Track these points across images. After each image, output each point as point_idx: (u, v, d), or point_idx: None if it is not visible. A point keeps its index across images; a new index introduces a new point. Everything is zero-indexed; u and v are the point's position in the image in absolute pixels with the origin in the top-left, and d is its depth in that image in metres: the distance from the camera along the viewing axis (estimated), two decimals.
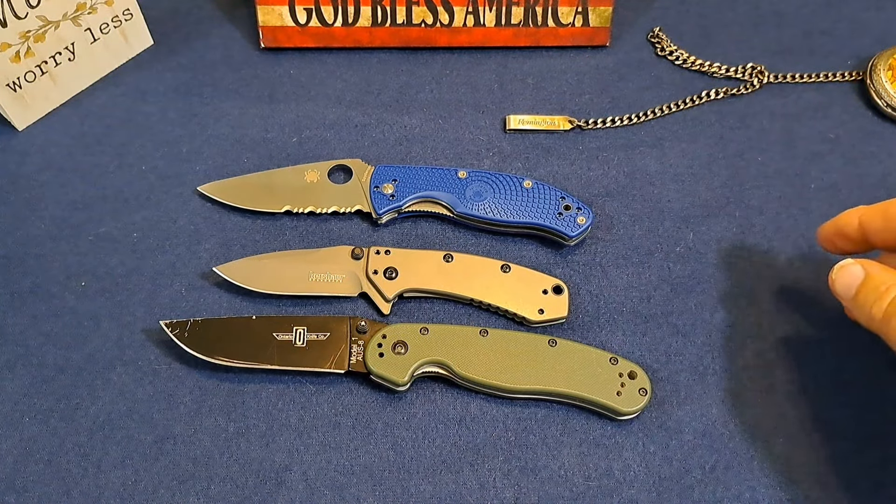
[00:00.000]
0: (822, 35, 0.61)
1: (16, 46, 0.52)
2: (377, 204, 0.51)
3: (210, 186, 0.52)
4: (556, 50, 0.60)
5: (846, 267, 0.40)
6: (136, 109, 0.57)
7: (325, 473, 0.43)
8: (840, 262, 0.41)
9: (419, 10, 0.58)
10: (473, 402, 0.45)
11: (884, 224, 0.41)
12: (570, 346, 0.45)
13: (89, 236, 0.51)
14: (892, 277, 0.39)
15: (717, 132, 0.56)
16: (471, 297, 0.47)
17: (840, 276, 0.40)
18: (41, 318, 0.48)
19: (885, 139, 0.56)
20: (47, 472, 0.43)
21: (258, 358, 0.45)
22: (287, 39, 0.59)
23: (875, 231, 0.41)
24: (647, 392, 0.44)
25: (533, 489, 0.43)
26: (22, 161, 0.55)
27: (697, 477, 0.43)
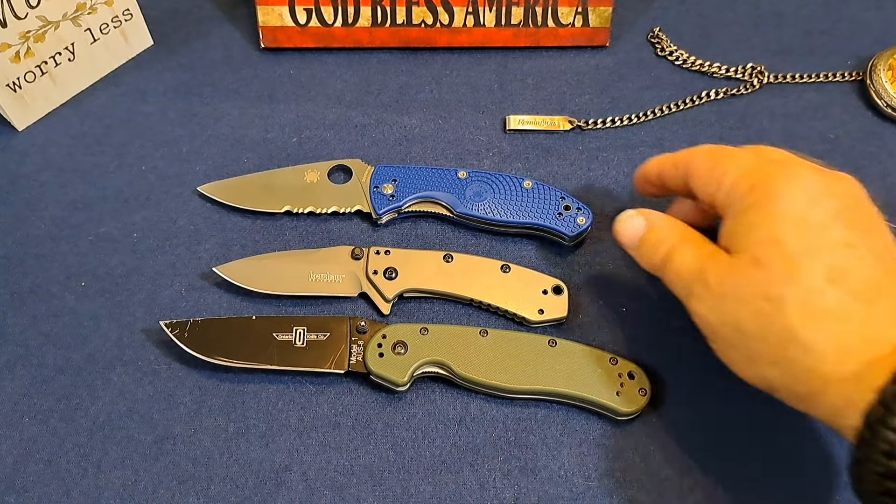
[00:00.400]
0: (822, 35, 0.61)
1: (16, 46, 0.52)
2: (377, 204, 0.51)
3: (210, 186, 0.52)
4: (556, 50, 0.60)
5: (629, 219, 0.44)
6: (136, 109, 0.57)
7: (325, 473, 0.43)
8: (622, 213, 0.44)
9: (419, 11, 0.58)
10: (473, 402, 0.45)
11: (674, 171, 0.43)
12: (570, 346, 0.45)
13: (89, 236, 0.51)
14: (670, 227, 0.42)
15: (717, 132, 0.56)
16: (470, 298, 0.47)
17: (623, 227, 0.44)
18: (41, 318, 0.48)
19: (885, 139, 0.56)
20: (47, 472, 0.43)
21: (258, 358, 0.45)
22: (287, 39, 0.59)
23: (669, 177, 0.44)
24: (647, 392, 0.44)
25: (533, 489, 0.43)
26: (22, 161, 0.55)
27: (697, 477, 0.43)
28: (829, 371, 0.34)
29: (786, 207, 0.37)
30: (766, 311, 0.36)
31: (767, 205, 0.37)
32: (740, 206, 0.39)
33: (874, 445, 0.32)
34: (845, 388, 0.34)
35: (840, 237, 0.36)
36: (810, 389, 0.35)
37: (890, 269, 0.36)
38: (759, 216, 0.37)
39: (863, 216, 0.38)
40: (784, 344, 0.35)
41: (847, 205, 0.38)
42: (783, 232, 0.36)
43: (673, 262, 0.41)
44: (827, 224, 0.36)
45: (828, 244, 0.36)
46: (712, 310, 0.38)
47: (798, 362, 0.35)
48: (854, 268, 0.35)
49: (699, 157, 0.42)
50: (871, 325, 0.34)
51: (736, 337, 0.37)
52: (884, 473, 0.32)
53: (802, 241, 0.36)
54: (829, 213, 0.37)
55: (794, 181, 0.38)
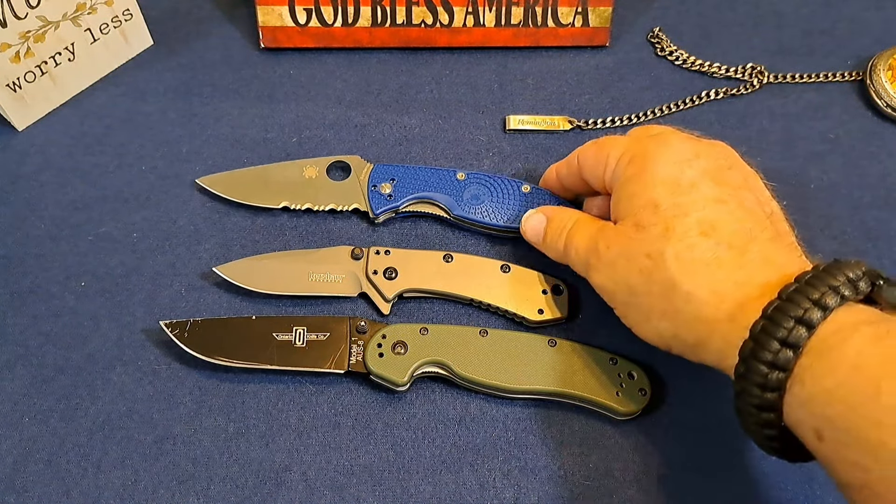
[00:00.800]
0: (822, 35, 0.61)
1: (16, 46, 0.52)
2: (374, 203, 0.51)
3: (208, 179, 0.52)
4: (556, 50, 0.61)
5: (531, 217, 0.47)
6: (136, 109, 0.57)
7: (325, 473, 0.43)
8: (526, 213, 0.48)
9: (419, 11, 0.58)
10: (473, 402, 0.45)
11: (568, 170, 0.48)
12: (569, 346, 0.45)
13: (89, 236, 0.51)
14: (568, 216, 0.45)
15: (717, 132, 0.56)
16: (470, 298, 0.47)
17: (529, 226, 0.47)
18: (41, 318, 0.48)
19: (885, 139, 0.56)
20: (47, 472, 0.43)
21: (258, 358, 0.45)
22: (287, 39, 0.59)
23: (566, 177, 0.48)
24: (647, 392, 0.44)
25: (533, 489, 0.43)
26: (22, 161, 0.55)
27: (697, 477, 0.43)
28: (710, 315, 0.37)
29: (660, 172, 0.40)
30: (649, 267, 0.39)
31: (644, 173, 0.41)
32: (622, 178, 0.42)
33: (749, 379, 0.34)
34: (724, 329, 0.36)
35: (711, 194, 0.39)
36: (698, 336, 0.38)
37: (759, 219, 0.39)
38: (637, 184, 0.41)
39: (734, 175, 0.41)
40: (668, 295, 0.38)
41: (717, 165, 0.41)
42: (658, 194, 0.40)
43: (571, 244, 0.44)
44: (697, 183, 0.39)
45: (699, 201, 0.39)
46: (606, 275, 0.42)
47: (683, 311, 0.38)
48: (724, 220, 0.38)
49: (586, 150, 0.46)
50: (742, 270, 0.37)
51: (628, 296, 0.40)
52: (759, 405, 0.34)
53: (675, 199, 0.39)
54: (699, 173, 0.40)
55: (666, 148, 0.41)
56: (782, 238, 0.39)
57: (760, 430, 0.35)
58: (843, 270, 0.34)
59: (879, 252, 0.51)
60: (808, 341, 0.33)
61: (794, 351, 0.33)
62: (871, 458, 0.30)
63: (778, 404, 0.34)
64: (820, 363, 0.32)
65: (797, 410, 0.33)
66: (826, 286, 0.33)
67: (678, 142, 0.41)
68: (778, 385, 0.33)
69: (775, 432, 0.35)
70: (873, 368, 0.30)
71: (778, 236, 0.39)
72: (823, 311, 0.33)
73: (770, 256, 0.37)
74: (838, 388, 0.31)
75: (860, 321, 0.32)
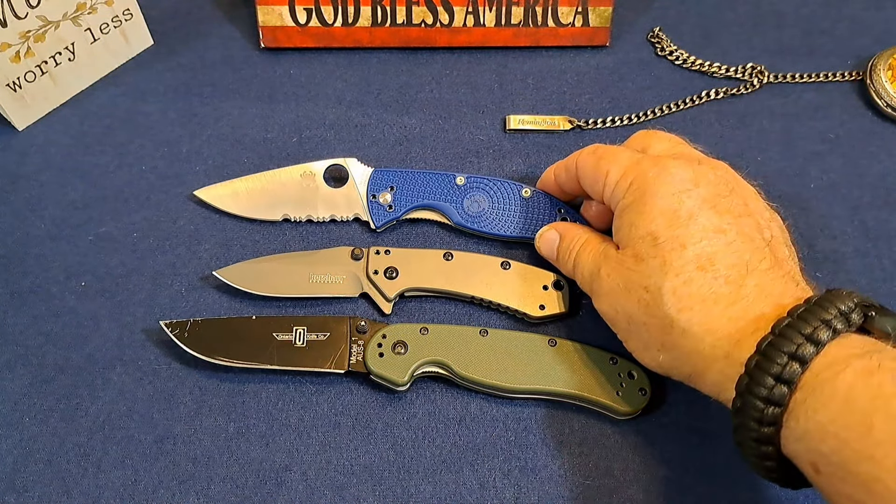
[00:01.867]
0: (822, 35, 0.61)
1: (16, 46, 0.52)
2: (375, 216, 0.50)
3: (205, 191, 0.52)
4: (556, 50, 0.60)
5: (545, 234, 0.48)
6: (136, 109, 0.57)
7: (325, 473, 0.43)
8: (540, 230, 0.48)
9: (419, 10, 0.58)
10: (473, 402, 0.45)
11: (566, 175, 0.47)
12: (569, 346, 0.45)
13: (89, 236, 0.51)
14: (578, 235, 0.46)
15: (717, 132, 0.56)
16: (471, 295, 0.47)
17: (542, 242, 0.48)
18: (41, 318, 0.48)
19: (885, 139, 0.56)
20: (47, 472, 0.43)
21: (258, 358, 0.45)
22: (287, 39, 0.59)
23: (564, 182, 0.48)
24: (647, 392, 0.44)
25: (533, 489, 0.43)
26: (22, 161, 0.55)
27: (697, 477, 0.43)
28: (706, 351, 0.37)
29: (658, 203, 0.40)
30: (647, 300, 0.39)
31: (642, 203, 0.40)
32: (622, 204, 0.42)
33: (746, 413, 0.34)
34: (720, 364, 0.36)
35: (709, 224, 0.39)
36: (695, 369, 0.38)
37: (758, 247, 0.39)
38: (636, 213, 0.41)
39: (733, 202, 0.40)
40: (666, 329, 0.38)
41: (717, 192, 0.40)
42: (657, 227, 0.39)
43: (578, 265, 0.44)
44: (695, 214, 0.39)
45: (698, 233, 0.39)
46: (607, 303, 0.42)
47: (680, 345, 0.38)
48: (722, 253, 0.38)
49: (585, 160, 0.45)
50: (738, 305, 0.37)
51: (628, 324, 0.41)
52: (757, 439, 0.34)
53: (674, 231, 0.39)
54: (699, 202, 0.40)
55: (664, 177, 0.40)
56: (780, 266, 0.39)
57: (760, 461, 0.35)
58: (835, 303, 0.34)
59: (879, 252, 0.51)
60: (801, 376, 0.33)
61: (788, 386, 0.33)
62: (865, 493, 0.30)
63: (775, 438, 0.34)
64: (814, 398, 0.32)
65: (793, 444, 0.33)
66: (818, 320, 0.34)
67: (677, 169, 0.41)
68: (774, 420, 0.33)
69: (774, 463, 0.35)
70: (865, 403, 0.31)
71: (776, 264, 0.39)
72: (816, 345, 0.33)
73: (766, 288, 0.37)
74: (831, 424, 0.31)
75: (852, 354, 0.33)
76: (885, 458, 0.29)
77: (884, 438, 0.30)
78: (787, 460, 0.34)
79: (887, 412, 0.30)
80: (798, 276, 0.39)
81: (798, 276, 0.39)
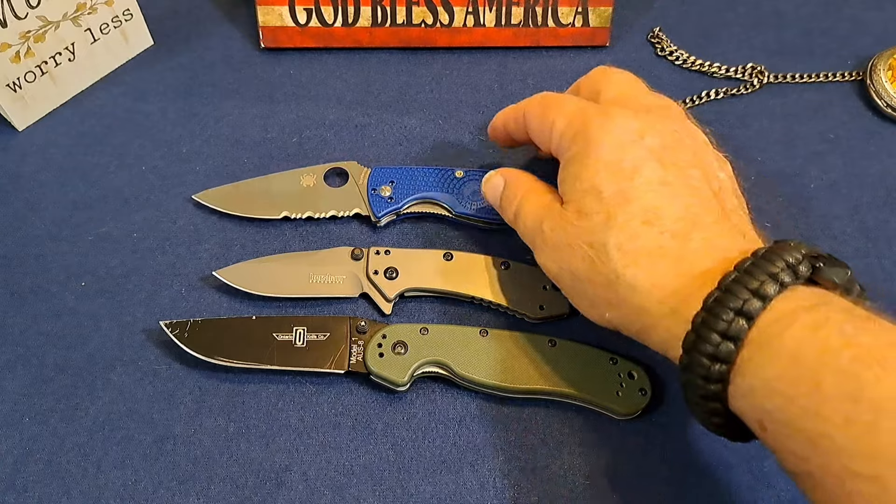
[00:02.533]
0: (822, 35, 0.61)
1: (16, 46, 0.52)
2: (375, 207, 0.51)
3: (205, 195, 0.52)
4: (556, 50, 0.61)
5: (491, 179, 0.46)
6: (136, 109, 0.57)
7: (325, 473, 0.43)
8: (487, 174, 0.47)
9: (419, 11, 0.58)
10: (473, 402, 0.45)
11: (515, 124, 0.46)
12: (570, 346, 0.45)
13: (89, 236, 0.51)
14: (523, 184, 0.44)
15: (717, 132, 0.56)
16: (471, 295, 0.47)
17: (488, 188, 0.47)
18: (41, 318, 0.48)
19: (885, 139, 0.56)
20: (47, 472, 0.43)
21: (258, 358, 0.45)
22: (287, 39, 0.59)
23: (513, 130, 0.47)
24: (647, 392, 0.44)
25: (533, 489, 0.43)
26: (22, 161, 0.55)
27: (697, 477, 0.43)
28: (653, 308, 0.36)
29: (602, 155, 0.39)
30: (591, 257, 0.38)
31: (586, 155, 0.39)
32: (567, 155, 0.41)
33: (693, 370, 0.34)
34: (668, 321, 0.36)
35: (655, 177, 0.38)
36: (643, 325, 0.37)
37: (705, 199, 0.38)
38: (580, 166, 0.39)
39: (681, 151, 0.39)
40: (612, 286, 0.37)
41: (664, 143, 0.39)
42: (601, 181, 0.38)
43: (520, 215, 0.43)
44: (640, 166, 0.38)
45: (642, 186, 0.38)
46: (551, 259, 0.41)
47: (627, 302, 0.37)
48: (668, 206, 0.37)
49: (532, 108, 0.44)
50: (684, 260, 0.36)
51: (574, 283, 0.40)
52: (704, 395, 0.34)
53: (618, 185, 0.38)
54: (644, 154, 0.38)
55: (608, 127, 0.39)
56: (728, 218, 0.38)
57: (708, 417, 0.35)
58: (782, 256, 0.33)
59: (879, 252, 0.51)
60: (748, 332, 0.32)
61: (734, 343, 0.32)
62: (812, 449, 0.30)
63: (722, 394, 0.33)
64: (760, 354, 0.32)
65: (740, 401, 0.33)
66: (765, 274, 0.33)
67: (623, 119, 0.40)
68: (721, 377, 0.33)
69: (723, 420, 0.35)
70: (811, 359, 0.30)
71: (723, 217, 0.38)
72: (763, 300, 0.32)
73: (713, 242, 0.36)
74: (777, 380, 0.31)
75: (799, 308, 0.32)
76: (834, 415, 0.29)
77: (831, 394, 0.29)
78: (735, 416, 0.34)
79: (835, 367, 0.29)
80: (746, 227, 0.39)
81: (746, 227, 0.39)
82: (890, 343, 0.30)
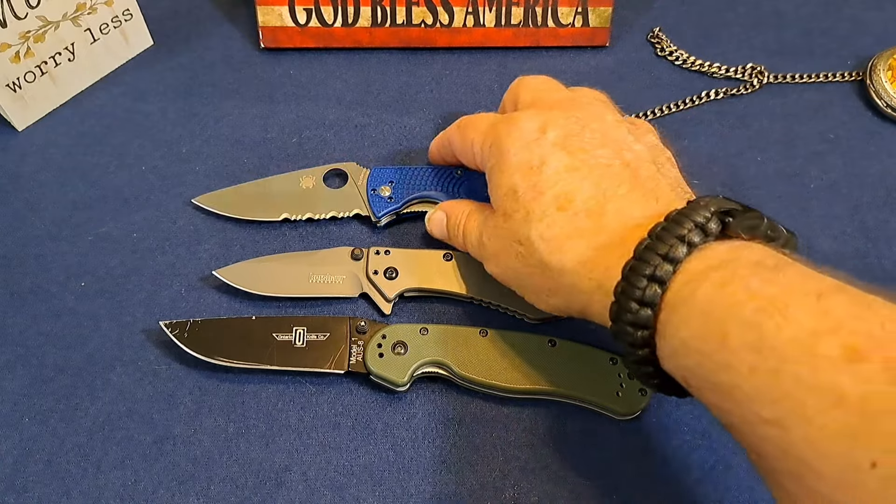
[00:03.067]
0: (822, 35, 0.61)
1: (16, 47, 0.52)
2: (375, 207, 0.51)
3: (205, 198, 0.52)
4: (556, 50, 0.61)
5: (433, 217, 0.49)
6: (136, 109, 0.57)
7: (325, 473, 0.43)
8: (428, 213, 0.50)
9: (419, 11, 0.58)
10: (473, 402, 0.45)
11: (446, 151, 0.50)
12: (570, 346, 0.45)
13: (89, 236, 0.51)
14: (461, 210, 0.47)
15: (717, 132, 0.56)
16: (471, 295, 0.47)
17: (433, 225, 0.49)
18: (41, 318, 0.48)
19: (885, 139, 0.56)
20: (47, 472, 0.43)
21: (258, 358, 0.45)
22: (287, 39, 0.59)
23: (446, 156, 0.50)
24: (647, 392, 0.44)
25: (533, 489, 0.43)
26: (22, 161, 0.55)
27: (697, 477, 0.43)
28: (584, 285, 0.38)
29: (512, 159, 0.41)
30: (522, 252, 0.40)
31: (502, 162, 0.42)
32: (487, 167, 0.44)
33: (621, 338, 0.35)
34: (599, 296, 0.37)
35: (561, 165, 0.40)
36: (581, 304, 0.39)
37: (615, 174, 0.39)
38: (498, 174, 0.42)
39: (587, 136, 0.41)
40: (546, 274, 0.39)
41: (567, 133, 0.41)
42: (515, 181, 0.41)
43: (465, 238, 0.46)
44: (547, 159, 0.40)
45: (552, 176, 0.40)
46: (495, 265, 0.43)
47: (562, 286, 0.39)
48: (577, 188, 0.39)
49: (453, 133, 0.48)
50: (601, 234, 0.38)
51: (518, 281, 0.42)
52: (636, 361, 0.35)
53: (530, 181, 0.40)
54: (549, 147, 0.40)
55: (513, 132, 0.42)
56: (642, 185, 0.39)
57: (647, 380, 0.36)
58: (690, 216, 0.34)
59: (879, 252, 0.51)
60: (663, 297, 0.33)
61: (651, 308, 0.33)
62: (728, 401, 0.31)
63: (651, 357, 0.35)
64: (676, 316, 0.33)
65: (666, 362, 0.34)
66: (674, 237, 0.33)
67: (525, 122, 0.42)
68: (645, 342, 0.34)
69: (660, 380, 0.36)
70: (719, 314, 0.31)
71: (636, 186, 0.39)
72: (672, 263, 0.33)
73: (625, 211, 0.38)
74: (692, 339, 0.32)
75: (710, 267, 0.33)
76: (741, 365, 0.30)
77: (737, 345, 0.30)
78: None
79: (740, 319, 0.30)
80: (661, 191, 0.39)
81: (661, 191, 0.39)
82: (792, 292, 0.31)
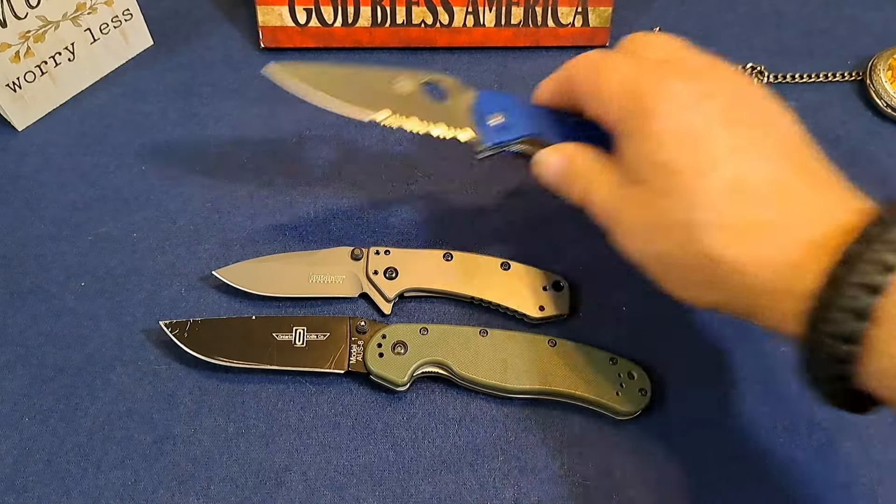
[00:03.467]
0: (822, 35, 0.61)
1: (16, 46, 0.52)
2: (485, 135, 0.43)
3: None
4: (556, 50, 0.60)
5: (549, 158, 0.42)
6: (136, 109, 0.57)
7: (325, 473, 0.43)
8: (539, 153, 0.42)
9: (419, 11, 0.58)
10: (473, 402, 0.45)
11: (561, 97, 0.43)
12: (570, 346, 0.45)
13: (89, 236, 0.51)
14: (583, 159, 0.40)
15: None
16: (471, 296, 0.47)
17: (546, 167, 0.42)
18: (41, 318, 0.48)
19: (885, 139, 0.56)
20: (47, 472, 0.43)
21: (258, 358, 0.45)
22: (287, 39, 0.59)
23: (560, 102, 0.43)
24: (647, 392, 0.44)
25: (533, 489, 0.43)
26: (22, 161, 0.55)
27: (697, 477, 0.43)
28: (762, 286, 0.33)
29: (663, 126, 0.35)
30: (683, 239, 0.34)
31: (646, 128, 0.36)
32: (625, 129, 0.37)
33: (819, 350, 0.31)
34: (780, 298, 0.33)
35: (726, 144, 0.34)
36: (749, 304, 0.34)
37: (792, 161, 0.35)
38: (642, 141, 0.36)
39: (747, 111, 0.36)
40: (711, 267, 0.34)
41: (727, 104, 0.36)
42: (669, 156, 0.35)
43: (591, 199, 0.39)
44: (707, 134, 0.35)
45: (716, 155, 0.34)
46: (632, 246, 0.37)
47: (730, 283, 0.34)
48: (748, 174, 0.34)
49: (580, 74, 0.40)
50: (788, 231, 0.33)
51: (666, 268, 0.37)
52: (829, 376, 0.31)
53: (690, 158, 0.34)
54: (708, 119, 0.35)
55: (665, 95, 0.36)
56: (811, 174, 0.35)
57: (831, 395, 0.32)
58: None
59: None
60: (878, 308, 0.29)
61: (862, 320, 0.29)
62: None
63: (849, 373, 0.31)
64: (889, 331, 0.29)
65: (871, 380, 0.30)
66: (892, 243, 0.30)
67: (676, 85, 0.36)
68: (848, 357, 0.30)
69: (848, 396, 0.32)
70: None
71: (805, 173, 0.34)
72: (890, 272, 0.29)
73: (814, 204, 0.33)
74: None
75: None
76: None
77: None
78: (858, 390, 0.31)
79: None
80: (833, 181, 0.35)
81: (833, 181, 0.35)
82: None
